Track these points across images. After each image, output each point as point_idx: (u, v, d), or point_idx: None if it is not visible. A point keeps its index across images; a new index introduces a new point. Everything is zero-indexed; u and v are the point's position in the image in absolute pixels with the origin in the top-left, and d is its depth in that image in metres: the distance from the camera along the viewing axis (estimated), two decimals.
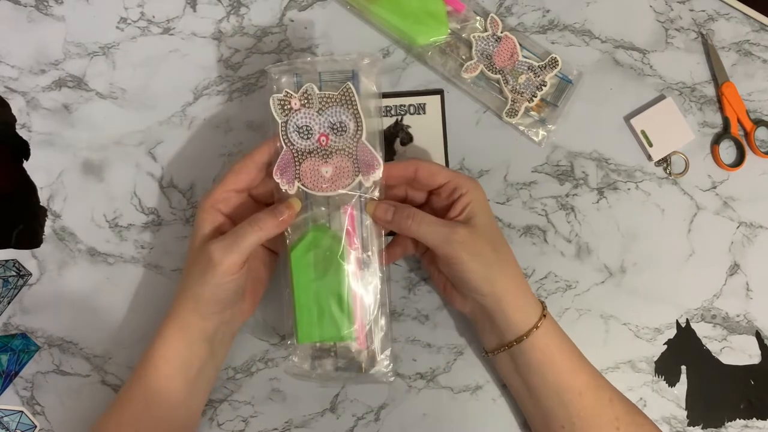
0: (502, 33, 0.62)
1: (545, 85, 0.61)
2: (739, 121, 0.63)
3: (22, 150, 0.63)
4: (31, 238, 0.62)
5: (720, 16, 0.64)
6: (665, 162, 0.63)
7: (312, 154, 0.53)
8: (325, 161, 0.53)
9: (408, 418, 0.60)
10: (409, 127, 0.62)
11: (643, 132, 0.63)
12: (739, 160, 0.63)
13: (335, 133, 0.53)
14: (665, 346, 0.61)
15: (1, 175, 0.64)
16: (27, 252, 0.62)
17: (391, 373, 0.55)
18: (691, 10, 0.64)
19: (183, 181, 0.63)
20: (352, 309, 0.53)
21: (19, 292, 0.61)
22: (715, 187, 0.63)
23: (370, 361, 0.55)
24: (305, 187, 0.53)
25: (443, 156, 0.62)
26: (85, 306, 0.61)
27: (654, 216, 0.63)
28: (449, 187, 0.53)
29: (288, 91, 0.52)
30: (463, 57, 0.62)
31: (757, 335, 0.62)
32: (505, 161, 0.63)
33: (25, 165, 0.63)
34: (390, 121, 0.62)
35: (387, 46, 0.64)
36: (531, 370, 0.53)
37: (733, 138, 0.63)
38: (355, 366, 0.55)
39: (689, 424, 0.61)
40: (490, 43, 0.62)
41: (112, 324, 0.61)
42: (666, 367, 0.61)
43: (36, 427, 0.60)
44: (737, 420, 0.61)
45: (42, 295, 0.61)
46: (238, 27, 0.64)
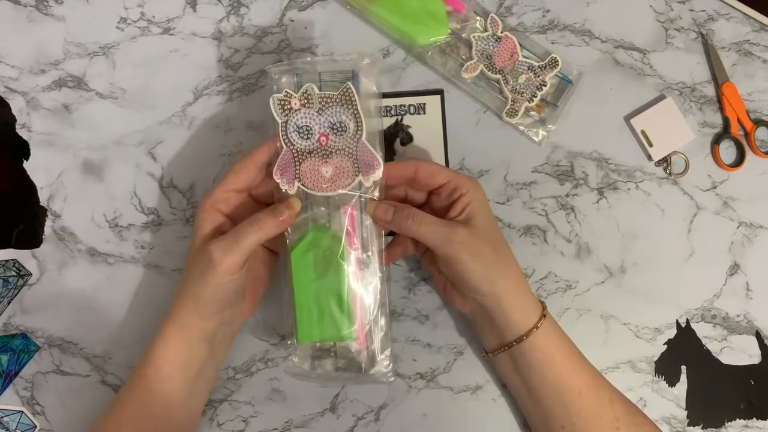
0: (502, 33, 0.62)
1: (545, 85, 0.61)
2: (739, 121, 0.63)
3: (22, 150, 0.63)
4: (31, 238, 0.62)
5: (720, 16, 0.64)
6: (665, 162, 0.63)
7: (312, 154, 0.53)
8: (325, 161, 0.53)
9: (408, 418, 0.60)
10: (409, 127, 0.62)
11: (643, 132, 0.62)
12: (739, 160, 0.63)
13: (335, 133, 0.53)
14: (665, 346, 0.61)
15: (1, 175, 0.64)
16: (27, 252, 0.62)
17: (391, 373, 0.55)
18: (691, 10, 0.64)
19: (183, 181, 0.63)
20: (352, 309, 0.53)
21: (19, 292, 0.61)
22: (715, 187, 0.63)
23: (370, 361, 0.55)
24: (305, 187, 0.53)
25: (443, 156, 0.62)
26: (85, 306, 0.61)
27: (654, 216, 0.63)
28: (449, 187, 0.53)
29: (288, 91, 0.52)
30: (463, 57, 0.62)
31: (757, 335, 0.62)
32: (505, 161, 0.63)
33: (25, 165, 0.63)
34: (390, 121, 0.62)
35: (387, 46, 0.64)
36: (531, 370, 0.53)
37: (733, 138, 0.63)
38: (355, 366, 0.55)
39: (689, 424, 0.61)
40: (490, 43, 0.62)
41: (112, 324, 0.61)
42: (666, 367, 0.61)
43: (36, 427, 0.60)
44: (737, 420, 0.61)
45: (42, 295, 0.61)
46: (238, 27, 0.64)
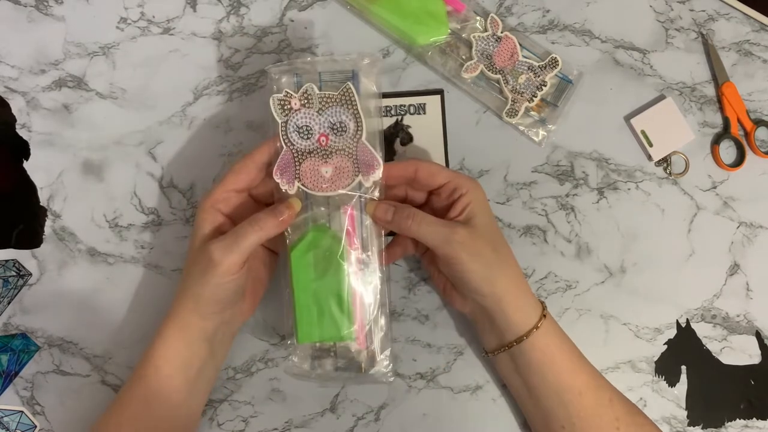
0: (502, 33, 0.62)
1: (545, 85, 0.61)
2: (739, 121, 0.63)
3: (22, 150, 0.63)
4: (31, 238, 0.62)
5: (720, 16, 0.64)
6: (665, 162, 0.63)
7: (312, 154, 0.53)
8: (325, 161, 0.53)
9: (408, 418, 0.60)
10: (409, 127, 0.62)
11: (643, 132, 0.62)
12: (739, 160, 0.63)
13: (335, 133, 0.52)
14: (665, 346, 0.61)
15: (1, 175, 0.64)
16: (27, 252, 0.62)
17: (390, 373, 0.55)
18: (691, 10, 0.64)
19: (183, 181, 0.63)
20: (351, 309, 0.53)
21: (19, 292, 0.61)
22: (715, 187, 0.63)
23: (369, 361, 0.55)
24: (305, 187, 0.53)
25: (443, 156, 0.62)
26: (85, 306, 0.61)
27: (654, 216, 0.63)
28: (449, 187, 0.53)
29: (288, 91, 0.52)
30: (463, 57, 0.62)
31: (757, 335, 0.62)
32: (505, 161, 0.63)
33: (25, 165, 0.63)
34: (390, 121, 0.62)
35: (387, 46, 0.64)
36: (531, 371, 0.53)
37: (733, 138, 0.63)
38: (355, 366, 0.55)
39: (689, 424, 0.61)
40: (490, 43, 0.62)
41: (112, 324, 0.61)
42: (666, 367, 0.61)
43: (36, 427, 0.60)
44: (737, 420, 0.61)
45: (42, 295, 0.61)
46: (238, 27, 0.64)
